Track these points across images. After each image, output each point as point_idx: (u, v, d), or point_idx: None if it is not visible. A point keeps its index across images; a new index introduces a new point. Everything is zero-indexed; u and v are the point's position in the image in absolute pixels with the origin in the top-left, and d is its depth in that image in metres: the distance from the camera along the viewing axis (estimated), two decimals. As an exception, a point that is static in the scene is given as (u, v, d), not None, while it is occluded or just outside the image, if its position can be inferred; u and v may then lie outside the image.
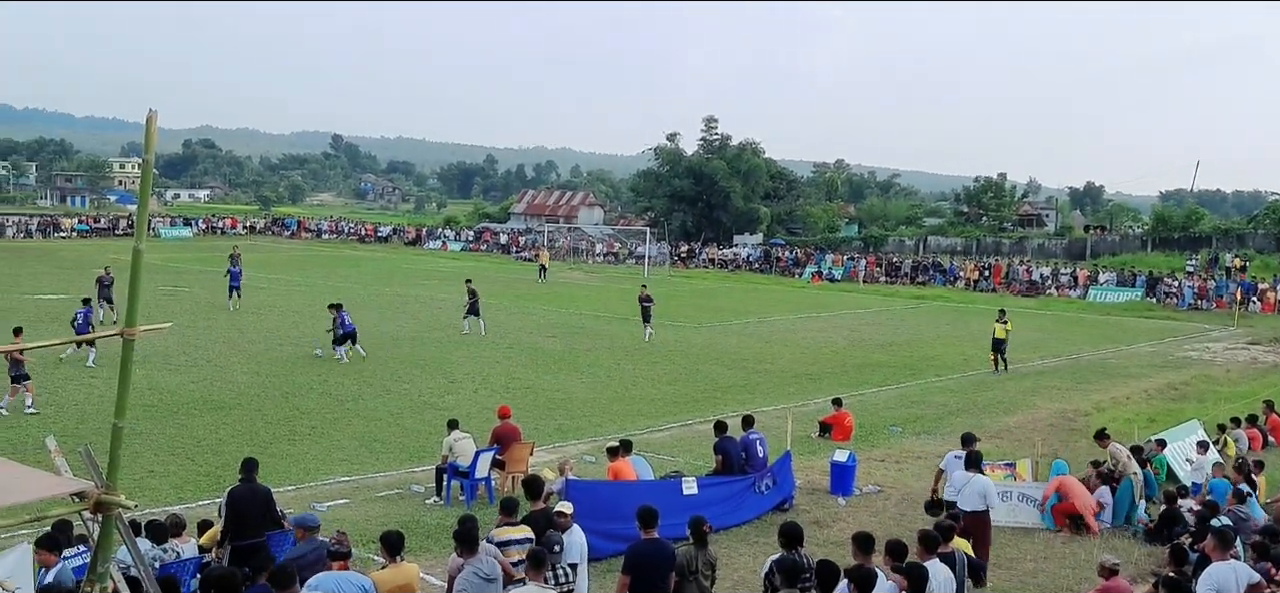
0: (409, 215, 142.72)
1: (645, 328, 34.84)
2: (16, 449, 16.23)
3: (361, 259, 69.58)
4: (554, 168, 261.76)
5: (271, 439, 19.64)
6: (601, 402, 24.68)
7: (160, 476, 16.96)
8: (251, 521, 11.44)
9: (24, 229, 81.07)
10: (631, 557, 10.07)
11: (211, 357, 27.95)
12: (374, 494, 16.69)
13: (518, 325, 37.35)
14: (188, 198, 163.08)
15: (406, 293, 47.22)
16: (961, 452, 15.13)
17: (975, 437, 16.03)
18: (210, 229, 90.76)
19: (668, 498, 13.80)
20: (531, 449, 17.55)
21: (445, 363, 28.60)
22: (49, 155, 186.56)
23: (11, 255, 59.66)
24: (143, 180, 5.88)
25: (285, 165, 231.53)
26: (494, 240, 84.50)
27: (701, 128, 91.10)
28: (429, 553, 13.63)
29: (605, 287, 56.13)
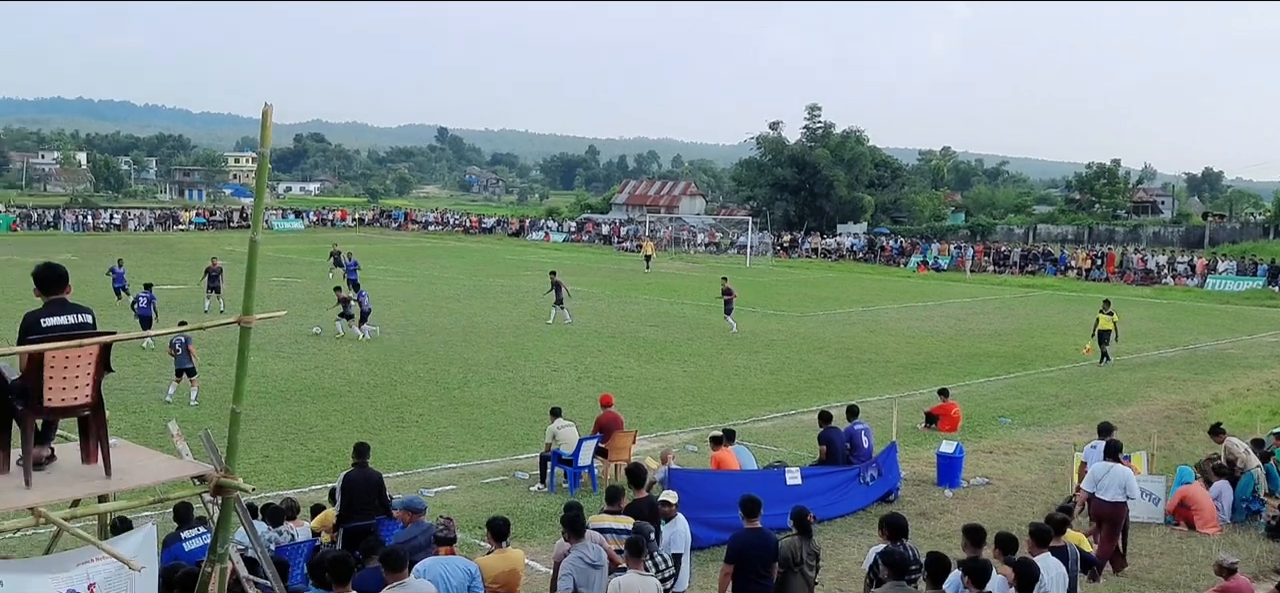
0: (512, 206, 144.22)
1: (728, 320, 34.36)
2: (140, 433, 16.81)
3: (466, 250, 70.56)
4: (655, 158, 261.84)
5: (380, 426, 20.04)
6: (703, 391, 24.66)
7: (274, 460, 17.45)
8: (363, 505, 11.70)
9: (145, 222, 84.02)
10: (734, 546, 10.04)
11: (322, 345, 28.63)
12: (479, 481, 16.93)
13: (619, 315, 37.50)
14: (299, 190, 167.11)
15: (510, 283, 47.76)
16: (1099, 443, 14.82)
17: (1113, 426, 15.71)
18: (320, 221, 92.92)
19: (771, 488, 13.72)
20: (634, 438, 17.61)
21: (548, 352, 28.86)
22: (168, 150, 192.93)
23: (133, 247, 61.79)
24: (259, 173, 6.04)
25: (392, 158, 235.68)
26: (595, 231, 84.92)
27: (804, 116, 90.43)
28: (533, 540, 13.78)
29: (707, 276, 55.96)
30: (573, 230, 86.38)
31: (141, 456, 7.03)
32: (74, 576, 5.90)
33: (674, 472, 13.86)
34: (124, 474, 6.51)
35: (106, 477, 6.40)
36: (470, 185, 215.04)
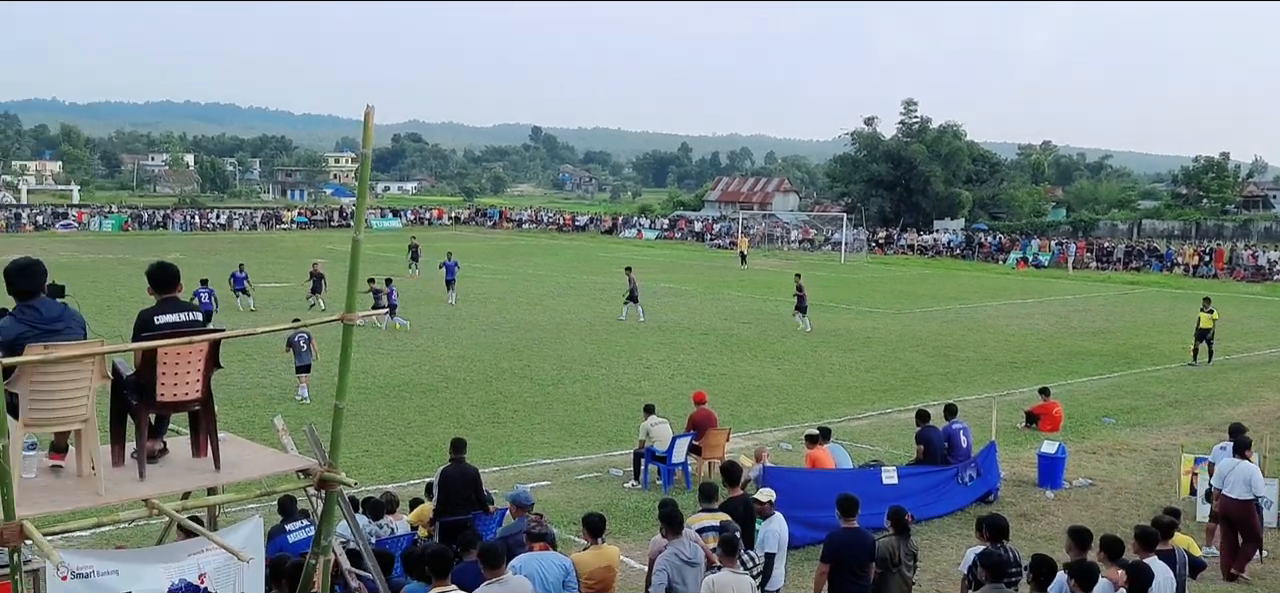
0: (605, 204, 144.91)
1: (802, 319, 33.60)
2: (246, 428, 17.24)
3: (559, 248, 71.07)
4: (748, 154, 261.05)
5: (476, 422, 20.29)
6: (798, 389, 24.50)
7: (374, 455, 17.77)
8: (460, 500, 11.85)
9: (249, 222, 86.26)
10: (831, 546, 9.97)
11: (419, 342, 29.08)
12: (573, 477, 17.04)
13: (712, 312, 37.44)
14: (397, 190, 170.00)
15: (603, 281, 47.95)
16: (1228, 443, 14.47)
17: (1244, 427, 15.29)
18: (418, 220, 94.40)
19: (867, 487, 13.57)
20: (728, 436, 17.57)
21: (641, 349, 28.94)
22: (271, 151, 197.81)
23: (238, 246, 63.48)
24: (361, 172, 6.16)
25: (487, 157, 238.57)
26: (688, 228, 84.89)
27: (900, 111, 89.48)
28: (627, 536, 13.82)
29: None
30: (665, 228, 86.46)
31: (249, 450, 7.22)
32: (185, 566, 6.07)
33: (768, 470, 13.80)
34: (232, 468, 6.69)
35: (216, 470, 6.59)
36: (563, 183, 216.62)
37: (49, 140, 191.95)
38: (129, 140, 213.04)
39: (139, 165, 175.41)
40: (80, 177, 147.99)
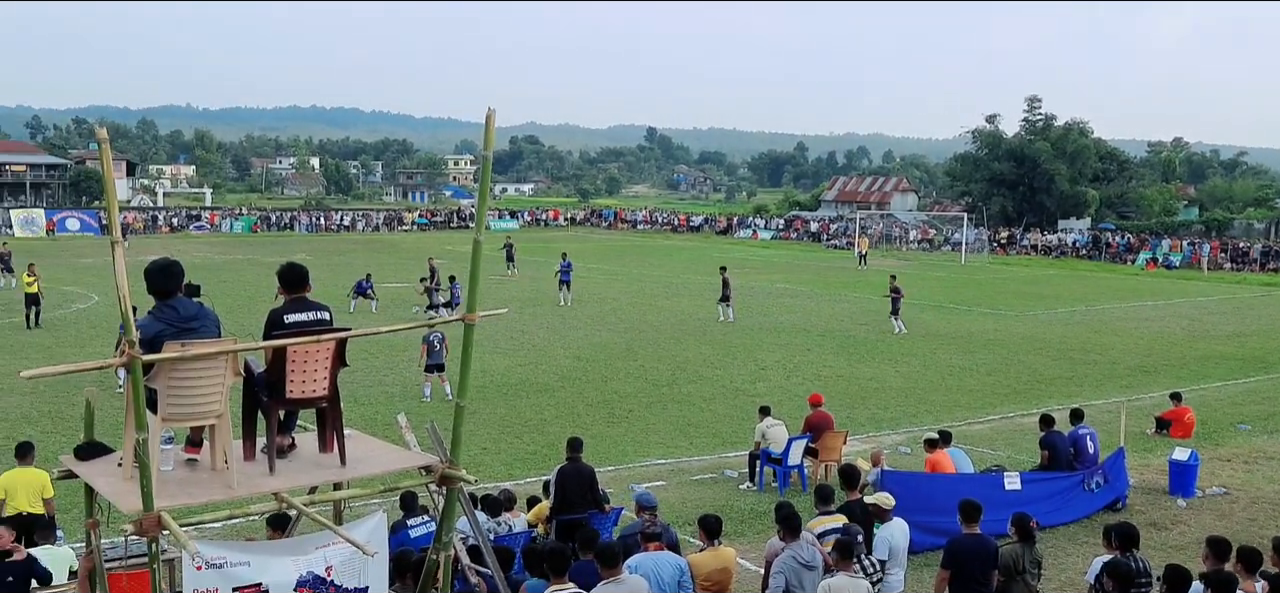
0: (720, 204, 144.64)
1: (894, 321, 32.95)
2: (369, 424, 17.65)
3: (674, 248, 71.16)
4: (866, 153, 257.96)
5: (592, 421, 20.42)
6: (917, 392, 24.11)
7: (492, 453, 18.02)
8: (577, 499, 11.94)
9: (372, 223, 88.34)
10: (952, 551, 9.77)
11: (536, 342, 29.40)
12: (688, 478, 17.03)
13: (829, 313, 37.09)
14: (514, 191, 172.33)
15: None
16: None
17: None
18: (534, 221, 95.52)
19: (989, 493, 13.26)
20: (845, 438, 17.37)
21: (756, 350, 28.80)
22: (392, 154, 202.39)
23: (361, 247, 65.10)
24: (482, 175, 6.25)
25: (603, 158, 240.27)
26: (804, 228, 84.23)
27: (1023, 107, 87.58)
28: (743, 538, 13.75)
29: (920, 274, 54.76)
30: (780, 228, 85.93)
31: (373, 446, 7.38)
32: (313, 558, 6.24)
33: (886, 474, 13.60)
34: (357, 464, 6.85)
35: (341, 466, 6.75)
36: (678, 184, 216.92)
37: (183, 145, 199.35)
38: (258, 144, 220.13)
39: (267, 169, 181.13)
40: (212, 180, 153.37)
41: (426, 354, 22.06)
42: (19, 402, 20.79)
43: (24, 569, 9.22)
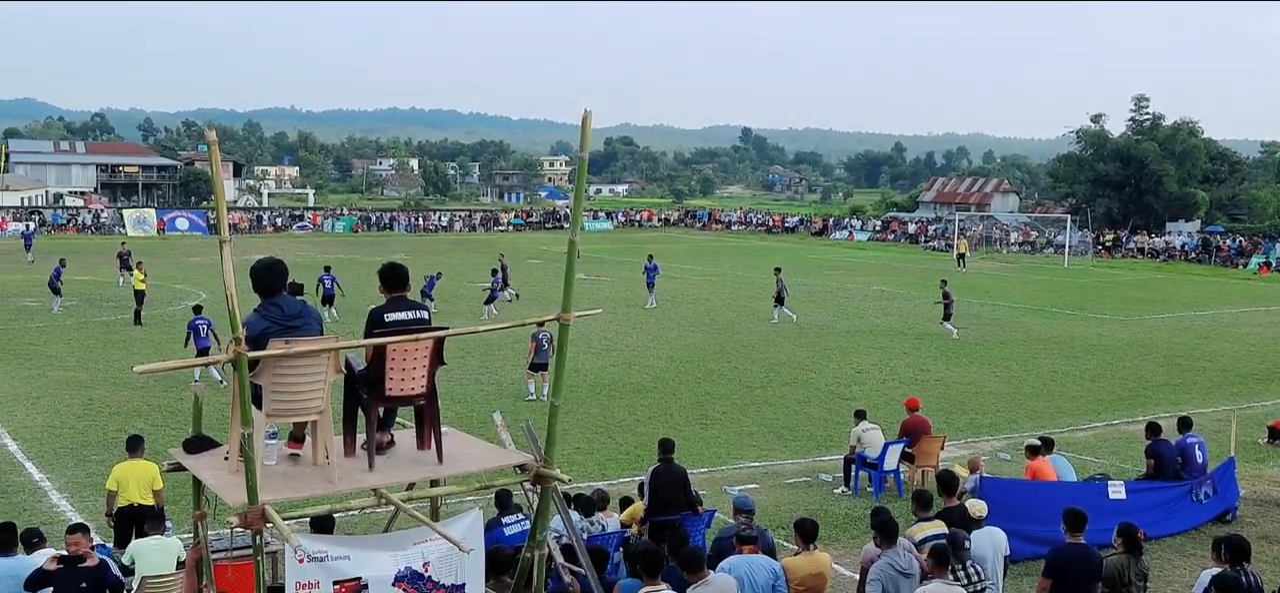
0: (815, 205, 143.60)
1: (947, 326, 31.97)
2: (463, 422, 17.87)
3: (769, 249, 70.78)
4: (965, 154, 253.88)
5: (684, 423, 20.40)
6: (1017, 397, 23.63)
7: (586, 453, 18.11)
8: (670, 500, 11.95)
9: (469, 223, 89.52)
10: (1054, 561, 9.56)
11: (629, 342, 29.48)
12: (781, 481, 16.92)
13: (926, 316, 36.53)
14: (608, 192, 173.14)
15: (812, 283, 47.50)
16: None
17: None
18: (628, 222, 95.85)
19: (1091, 502, 12.92)
20: (942, 443, 17.10)
21: (852, 353, 28.51)
22: (489, 155, 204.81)
23: (458, 247, 66.02)
24: (578, 176, 6.28)
25: (697, 159, 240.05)
26: (901, 229, 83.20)
27: (1130, 107, 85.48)
28: (837, 543, 13.61)
29: (1020, 277, 53.75)
30: (877, 229, 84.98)
31: (469, 444, 7.47)
32: (411, 554, 6.33)
33: (985, 480, 13.35)
34: (454, 461, 6.94)
35: (439, 463, 6.84)
36: (773, 185, 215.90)
37: (287, 146, 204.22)
38: (359, 146, 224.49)
39: (368, 170, 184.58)
40: (315, 181, 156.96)
41: (534, 352, 22.17)
42: (130, 396, 21.49)
43: (97, 576, 9.20)
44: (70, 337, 28.92)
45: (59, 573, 8.88)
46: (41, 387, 22.50)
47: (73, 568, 8.94)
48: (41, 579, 8.84)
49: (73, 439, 18.27)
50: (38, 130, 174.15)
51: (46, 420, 19.54)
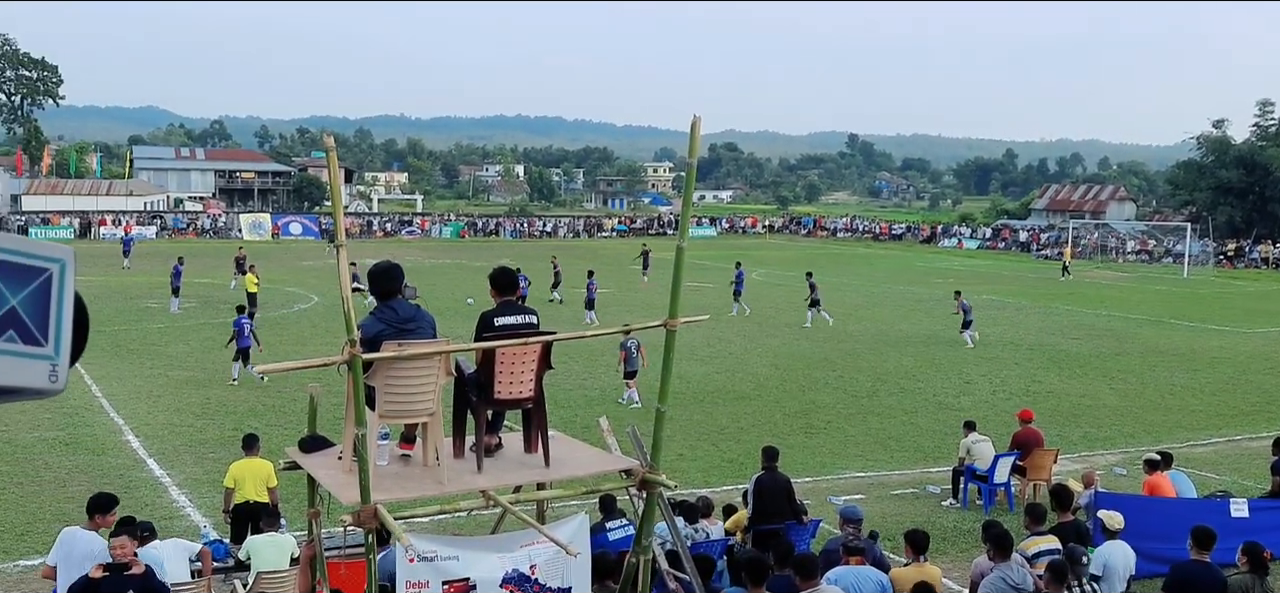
0: (923, 212, 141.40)
1: (965, 335, 30.97)
2: (568, 427, 17.99)
3: (875, 257, 69.99)
4: (1079, 160, 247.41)
5: (789, 431, 20.23)
6: (1134, 410, 22.95)
7: (689, 460, 18.07)
8: (774, 508, 11.85)
9: (573, 229, 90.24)
10: (1176, 579, 9.26)
11: (732, 349, 29.37)
12: (888, 492, 16.68)
13: (1038, 326, 35.74)
14: (712, 198, 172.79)
15: (921, 291, 46.81)
16: None
17: None
18: (731, 228, 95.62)
19: (1213, 519, 12.46)
20: (1055, 457, 16.68)
21: (960, 363, 27.99)
22: (594, 162, 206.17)
23: (563, 252, 66.40)
24: (686, 182, 6.26)
25: (802, 165, 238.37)
26: (1012, 237, 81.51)
27: (1254, 112, 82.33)
28: (945, 556, 13.36)
29: (1138, 287, 52.23)
30: (987, 237, 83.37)
31: (575, 448, 7.50)
32: (518, 556, 6.38)
33: (1100, 495, 12.99)
34: (560, 465, 6.97)
35: (546, 466, 6.88)
36: (880, 191, 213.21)
37: (397, 153, 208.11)
38: (466, 153, 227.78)
39: (474, 176, 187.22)
40: (423, 187, 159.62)
41: (624, 360, 22.21)
42: (245, 395, 22.11)
43: (142, 585, 8.78)
44: (189, 337, 29.87)
45: (105, 581, 8.55)
46: (162, 385, 23.28)
47: (118, 576, 8.55)
48: (87, 587, 8.54)
49: (191, 437, 18.86)
50: (160, 137, 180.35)
51: (167, 418, 20.20)
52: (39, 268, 0.94)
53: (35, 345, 0.94)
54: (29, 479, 15.88)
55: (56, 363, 0.96)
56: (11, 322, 0.92)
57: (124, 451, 17.92)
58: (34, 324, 0.93)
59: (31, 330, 0.93)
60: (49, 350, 0.95)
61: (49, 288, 0.94)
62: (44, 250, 0.94)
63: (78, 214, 76.76)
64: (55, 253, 0.96)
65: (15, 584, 11.93)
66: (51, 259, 0.95)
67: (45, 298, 0.94)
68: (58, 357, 0.96)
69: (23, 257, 0.93)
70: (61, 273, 0.96)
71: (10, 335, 0.93)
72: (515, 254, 61.73)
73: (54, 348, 0.95)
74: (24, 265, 0.93)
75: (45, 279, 0.94)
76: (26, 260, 0.93)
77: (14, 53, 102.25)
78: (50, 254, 0.95)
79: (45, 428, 18.59)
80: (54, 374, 0.96)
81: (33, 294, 0.93)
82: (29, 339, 0.93)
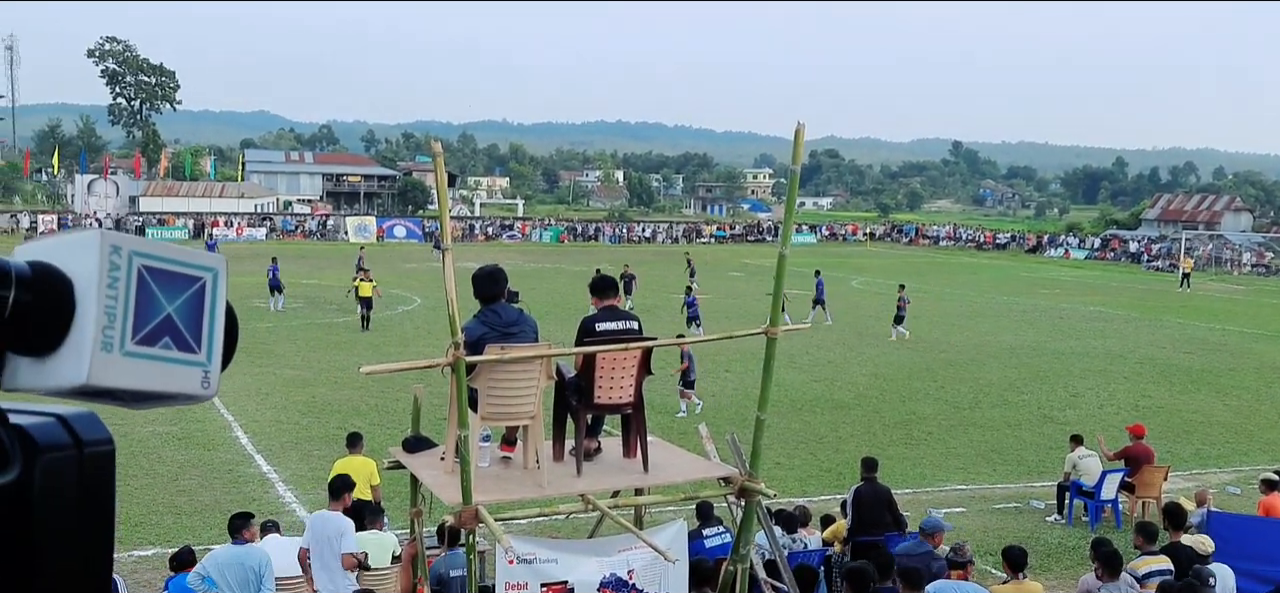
0: (1029, 221, 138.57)
1: (895, 329, 32.14)
2: (666, 432, 18.03)
3: (979, 266, 68.74)
4: (1193, 169, 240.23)
5: (888, 442, 19.97)
6: (1249, 428, 22.17)
7: (786, 468, 17.95)
8: (873, 519, 11.72)
9: (672, 235, 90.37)
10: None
11: (831, 358, 29.10)
12: (990, 506, 16.37)
13: (1149, 339, 34.75)
14: (812, 205, 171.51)
15: (1026, 302, 45.86)
16: None
17: None
18: (831, 235, 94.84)
19: (1331, 543, 12.05)
20: (1166, 474, 16.19)
21: (1067, 375, 27.35)
22: (693, 168, 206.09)
23: (660, 257, 66.61)
24: (789, 189, 6.23)
25: (904, 172, 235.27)
26: (1122, 248, 79.42)
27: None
28: (1049, 573, 13.08)
29: (1254, 300, 50.48)
30: (1096, 247, 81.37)
31: (674, 454, 7.51)
32: (615, 561, 6.41)
33: (1213, 515, 12.58)
34: (659, 470, 6.99)
35: (644, 472, 6.90)
36: (984, 199, 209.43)
37: (499, 158, 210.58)
38: (566, 158, 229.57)
39: (574, 181, 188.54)
40: (524, 192, 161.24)
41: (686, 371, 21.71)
42: (350, 395, 22.57)
43: None
44: (295, 337, 30.61)
45: None
46: (270, 384, 23.89)
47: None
48: None
49: (298, 434, 19.33)
50: (271, 141, 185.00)
51: (274, 416, 20.73)
52: (193, 276, 0.98)
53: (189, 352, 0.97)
54: (143, 472, 16.42)
55: (208, 370, 0.99)
56: (167, 329, 0.96)
57: (233, 446, 18.44)
58: (188, 332, 0.97)
59: (186, 337, 0.97)
60: (201, 357, 0.98)
61: (202, 296, 0.98)
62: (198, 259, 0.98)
63: (192, 215, 79.27)
64: (209, 262, 0.99)
65: (130, 573, 12.33)
66: (205, 268, 0.99)
67: (199, 306, 0.97)
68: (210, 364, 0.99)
69: (178, 265, 0.97)
70: (214, 281, 0.99)
71: (166, 342, 0.96)
72: (615, 259, 61.97)
73: (206, 355, 0.98)
74: (180, 273, 0.96)
75: (199, 287, 0.98)
76: (182, 268, 0.97)
77: (134, 59, 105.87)
78: (204, 263, 0.98)
79: (160, 423, 19.21)
80: (206, 381, 0.99)
81: (187, 302, 0.97)
82: (183, 346, 0.97)
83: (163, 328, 0.96)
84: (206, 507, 14.91)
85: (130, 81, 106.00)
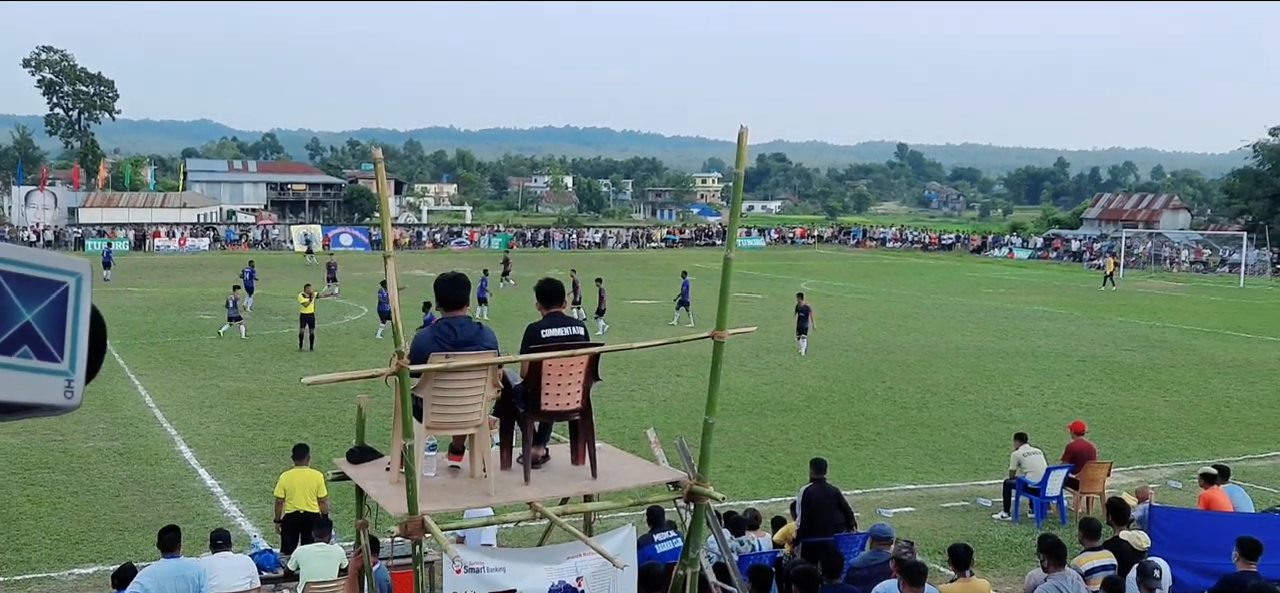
0: (973, 223, 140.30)
1: (801, 341, 30.80)
2: (616, 437, 18.00)
3: (925, 267, 69.43)
4: (1132, 169, 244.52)
5: (838, 443, 20.09)
6: (1189, 423, 22.56)
7: (737, 471, 17.99)
8: (824, 520, 11.78)
9: (621, 240, 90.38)
10: (1224, 590, 9.08)
11: (780, 360, 29.23)
12: (938, 505, 16.51)
13: (1091, 337, 35.27)
14: (760, 209, 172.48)
15: (971, 302, 46.38)
16: None
17: None
18: (780, 239, 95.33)
19: (1269, 534, 12.21)
20: (1108, 470, 16.43)
21: (1012, 374, 27.68)
22: (642, 173, 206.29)
23: (611, 264, 66.62)
24: (734, 193, 6.24)
25: (851, 175, 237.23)
26: (1064, 248, 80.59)
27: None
28: (996, 570, 13.22)
29: (1192, 297, 51.41)
30: (1039, 248, 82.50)
31: (623, 459, 7.49)
32: (564, 568, 6.38)
33: (1155, 509, 12.76)
34: (608, 476, 6.96)
35: (593, 478, 6.88)
36: (929, 201, 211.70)
37: (446, 165, 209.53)
38: (515, 164, 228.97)
39: (523, 187, 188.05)
40: (472, 198, 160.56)
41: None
42: (296, 406, 22.32)
43: None
44: (240, 348, 30.21)
45: None
46: (214, 396, 23.56)
47: None
48: None
49: (242, 446, 19.06)
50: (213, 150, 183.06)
51: (218, 428, 20.44)
52: (55, 282, 0.93)
53: (51, 361, 0.93)
54: (84, 489, 16.12)
55: (72, 378, 0.95)
56: (25, 336, 0.91)
57: (177, 461, 18.15)
58: (49, 339, 0.92)
59: (46, 345, 0.92)
60: (64, 366, 0.94)
61: (65, 302, 0.93)
62: (60, 263, 0.93)
63: (133, 227, 78.03)
64: (72, 267, 0.95)
65: (72, 591, 12.11)
66: (68, 273, 0.95)
67: (61, 312, 0.93)
68: (74, 372, 0.95)
69: (38, 270, 0.92)
70: (78, 286, 0.95)
71: (24, 351, 0.92)
72: (564, 264, 61.81)
73: (70, 363, 0.94)
74: (39, 279, 0.92)
75: (61, 293, 0.93)
76: (42, 274, 0.93)
77: (71, 68, 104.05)
78: (67, 268, 0.94)
79: (100, 438, 18.88)
80: (69, 389, 0.95)
81: (48, 308, 0.93)
82: (44, 354, 0.92)
83: (20, 336, 0.91)
84: (149, 523, 14.63)
85: (68, 91, 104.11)
